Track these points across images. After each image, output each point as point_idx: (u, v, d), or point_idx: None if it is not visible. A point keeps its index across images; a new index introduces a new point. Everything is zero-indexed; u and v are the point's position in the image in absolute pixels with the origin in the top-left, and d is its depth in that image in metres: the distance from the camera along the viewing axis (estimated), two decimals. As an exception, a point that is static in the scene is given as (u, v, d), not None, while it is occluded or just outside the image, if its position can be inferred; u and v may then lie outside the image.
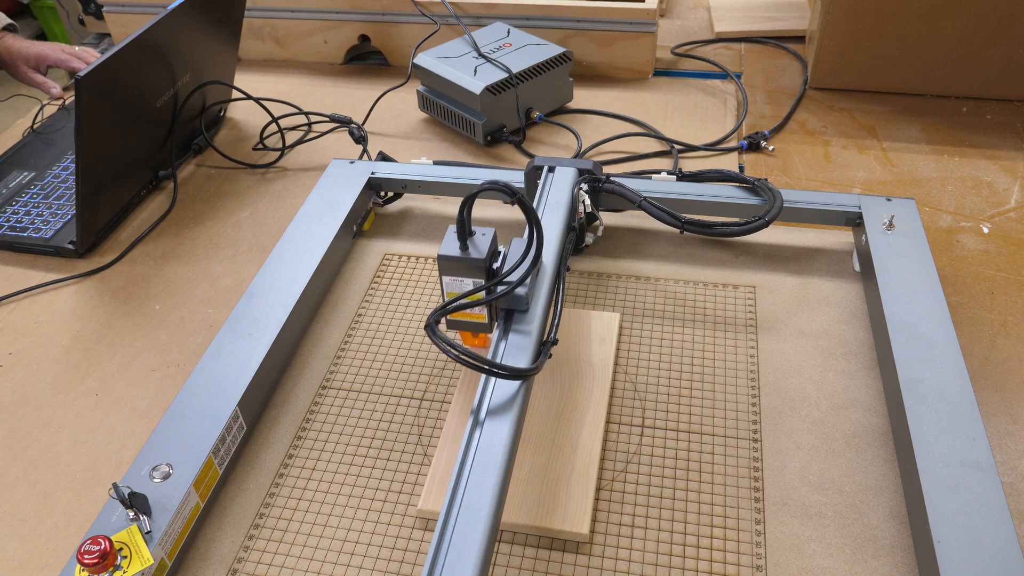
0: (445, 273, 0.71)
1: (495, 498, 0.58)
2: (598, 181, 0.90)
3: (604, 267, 0.93)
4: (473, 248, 0.69)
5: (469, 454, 0.61)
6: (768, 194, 0.89)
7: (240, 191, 1.09)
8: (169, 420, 0.70)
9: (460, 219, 0.68)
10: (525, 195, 0.65)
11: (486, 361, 0.63)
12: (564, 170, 0.90)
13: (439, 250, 0.69)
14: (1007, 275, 0.89)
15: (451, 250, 0.69)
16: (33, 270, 0.97)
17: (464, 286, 0.71)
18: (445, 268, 0.70)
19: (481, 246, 0.69)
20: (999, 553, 0.58)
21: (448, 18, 1.30)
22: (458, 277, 0.70)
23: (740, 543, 0.65)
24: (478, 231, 0.70)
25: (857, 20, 1.17)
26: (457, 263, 0.70)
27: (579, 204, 0.88)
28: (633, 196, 0.88)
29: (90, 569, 0.57)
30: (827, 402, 0.76)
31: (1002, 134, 1.13)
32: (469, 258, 0.69)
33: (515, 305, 0.71)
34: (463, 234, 0.69)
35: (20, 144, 1.20)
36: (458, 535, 0.56)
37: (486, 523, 0.56)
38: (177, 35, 1.01)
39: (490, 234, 0.71)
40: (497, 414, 0.64)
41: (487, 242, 0.70)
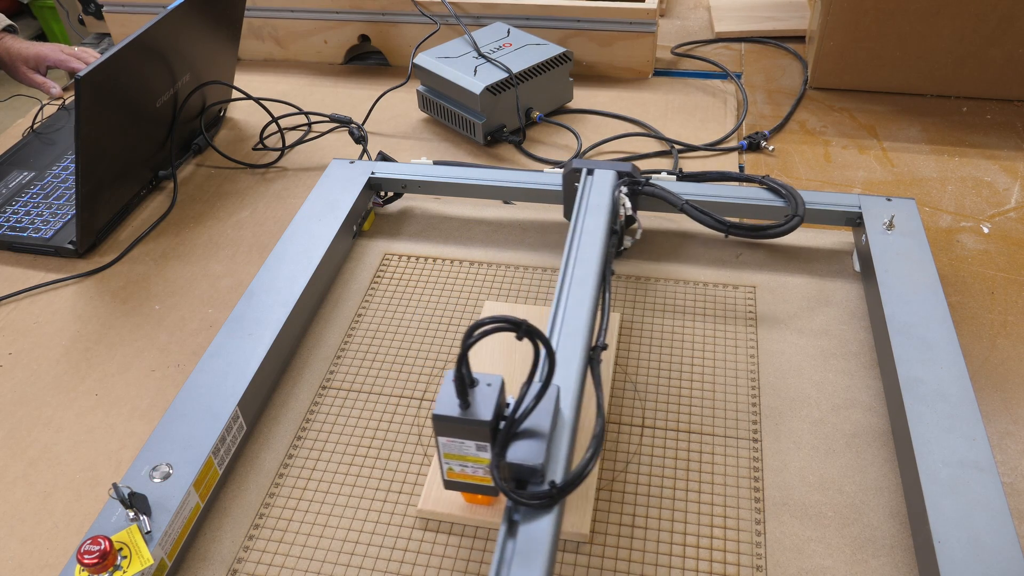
0: (442, 434, 0.58)
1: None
2: (638, 184, 0.89)
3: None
4: (475, 404, 0.56)
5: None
6: (784, 192, 0.89)
7: (240, 191, 1.09)
8: (169, 420, 0.70)
9: (459, 374, 0.55)
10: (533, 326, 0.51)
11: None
12: (603, 173, 0.89)
13: (434, 408, 0.56)
14: (1007, 275, 0.89)
15: (449, 409, 0.56)
16: (33, 270, 0.97)
17: (465, 448, 0.58)
18: (442, 429, 0.57)
19: (485, 402, 0.56)
20: (999, 553, 0.58)
21: (448, 18, 1.30)
22: (457, 439, 0.58)
23: (740, 543, 0.65)
24: (481, 380, 0.57)
25: (857, 20, 1.17)
26: (457, 425, 0.56)
27: (620, 207, 0.86)
28: (675, 199, 0.87)
29: (90, 569, 0.57)
30: (827, 402, 0.76)
31: (1002, 134, 1.13)
32: (471, 420, 0.56)
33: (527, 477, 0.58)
34: (463, 389, 0.55)
35: (20, 144, 1.20)
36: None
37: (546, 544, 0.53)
38: (177, 35, 1.01)
39: (497, 384, 0.58)
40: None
41: (493, 395, 0.57)
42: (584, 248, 0.80)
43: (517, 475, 0.57)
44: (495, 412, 0.56)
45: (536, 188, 0.96)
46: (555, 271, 0.92)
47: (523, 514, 0.56)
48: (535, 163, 1.11)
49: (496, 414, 0.56)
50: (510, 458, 0.56)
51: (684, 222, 0.97)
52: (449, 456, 0.60)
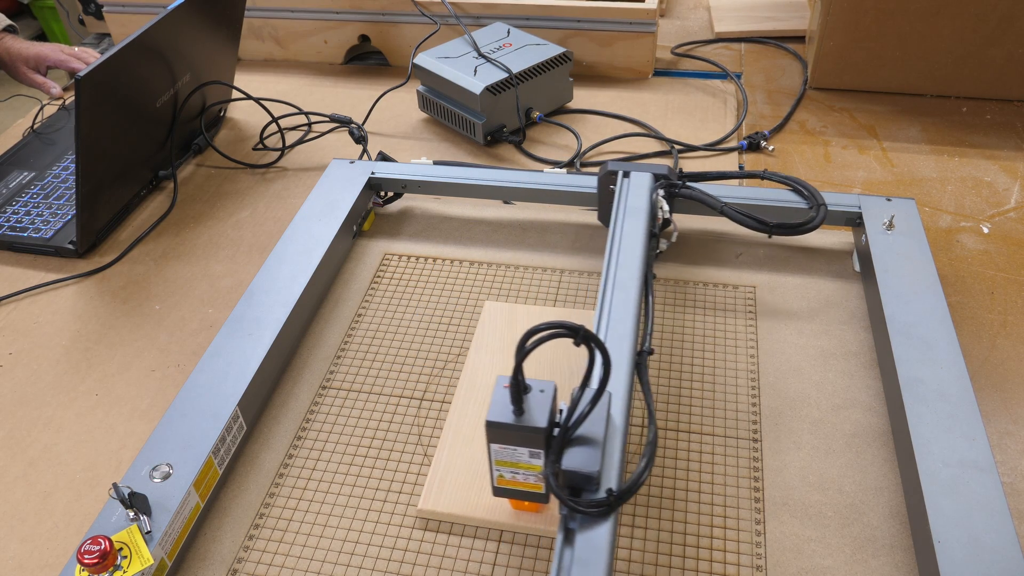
0: (495, 441, 0.57)
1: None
2: (674, 186, 0.89)
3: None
4: (529, 411, 0.56)
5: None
6: (801, 189, 0.89)
7: (240, 191, 1.09)
8: (169, 420, 0.70)
9: (515, 380, 0.55)
10: (590, 332, 0.51)
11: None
12: (639, 175, 0.89)
13: (487, 415, 0.56)
14: (1007, 275, 0.89)
15: (503, 416, 0.56)
16: (33, 270, 0.97)
17: (518, 455, 0.58)
18: (495, 436, 0.57)
19: (539, 409, 0.56)
20: (999, 553, 0.58)
21: (448, 18, 1.30)
22: (511, 446, 0.57)
23: (740, 543, 0.65)
24: (535, 386, 0.57)
25: (857, 20, 1.17)
26: (511, 432, 0.56)
27: (658, 210, 0.86)
28: (714, 202, 0.86)
29: (90, 569, 0.57)
30: (827, 402, 0.76)
31: (1002, 134, 1.13)
32: (525, 427, 0.56)
33: (583, 484, 0.57)
34: (518, 395, 0.55)
35: (20, 144, 1.20)
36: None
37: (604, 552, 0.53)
38: (177, 35, 1.01)
39: (550, 391, 0.57)
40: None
41: (547, 402, 0.56)
42: (625, 252, 0.80)
43: (572, 482, 0.57)
44: (550, 418, 0.56)
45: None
46: (555, 271, 0.92)
47: (580, 522, 0.56)
48: (535, 163, 1.11)
49: (551, 419, 0.56)
50: (566, 465, 0.55)
51: (686, 222, 0.97)
52: (501, 463, 0.59)
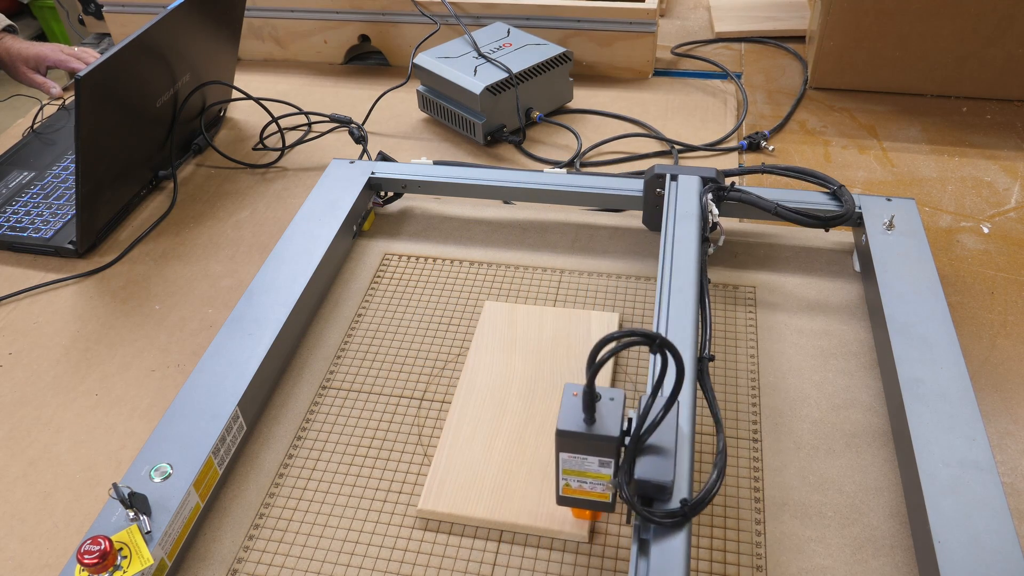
0: (564, 450, 0.57)
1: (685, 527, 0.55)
2: (723, 189, 0.88)
3: (603, 267, 0.93)
4: (600, 420, 0.55)
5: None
6: (827, 182, 0.90)
7: (240, 191, 1.09)
8: (169, 420, 0.70)
9: (589, 388, 0.53)
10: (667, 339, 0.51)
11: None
12: (688, 179, 0.89)
13: (558, 423, 0.55)
14: (1007, 275, 0.89)
15: (574, 424, 0.55)
16: (33, 270, 0.97)
17: (587, 464, 0.57)
18: (565, 445, 0.56)
19: (610, 418, 0.55)
20: (999, 553, 0.58)
21: (448, 18, 1.30)
22: (580, 455, 0.56)
23: (740, 543, 0.65)
24: (604, 394, 0.56)
25: (857, 20, 1.17)
26: (582, 441, 0.55)
27: (708, 214, 0.85)
28: (766, 204, 0.86)
29: (90, 569, 0.57)
30: (827, 402, 0.76)
31: (1002, 134, 1.13)
32: (597, 436, 0.55)
33: (656, 495, 0.57)
34: (591, 404, 0.54)
35: (20, 144, 1.20)
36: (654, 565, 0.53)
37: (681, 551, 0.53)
38: (177, 35, 1.01)
39: (620, 399, 0.56)
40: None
41: (617, 410, 0.55)
42: (679, 257, 0.80)
43: (644, 492, 0.56)
44: (620, 426, 0.55)
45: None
46: (555, 271, 0.92)
47: (654, 533, 0.56)
48: (535, 163, 1.11)
49: (621, 427, 0.55)
50: (639, 474, 0.55)
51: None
52: (568, 472, 0.58)
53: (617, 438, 0.55)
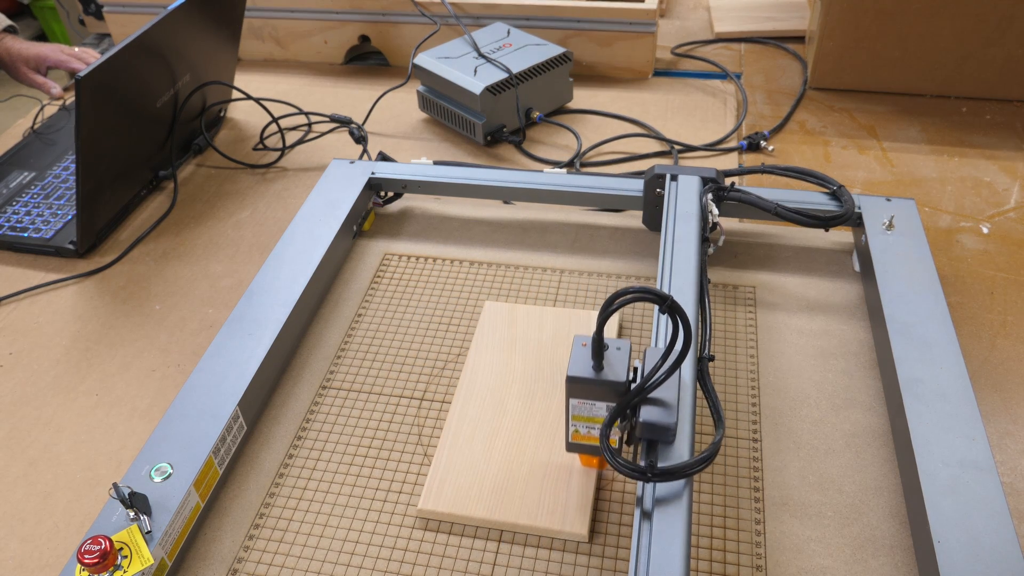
0: (574, 396, 0.61)
1: (684, 525, 0.57)
2: (723, 189, 0.88)
3: (603, 267, 0.93)
4: (608, 367, 0.59)
5: (641, 559, 0.56)
6: (826, 183, 0.90)
7: (240, 191, 1.09)
8: (169, 420, 0.70)
9: (598, 335, 0.58)
10: (676, 302, 0.54)
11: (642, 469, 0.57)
12: (688, 179, 0.89)
13: (568, 370, 0.59)
14: (1007, 275, 0.89)
15: (583, 371, 0.59)
16: (33, 270, 0.97)
17: (595, 410, 0.61)
18: (575, 391, 0.60)
19: (617, 365, 0.59)
20: (999, 553, 0.58)
21: (448, 18, 1.30)
22: (589, 400, 0.61)
23: (740, 543, 0.65)
24: (611, 344, 0.60)
25: (857, 20, 1.17)
26: (590, 386, 0.60)
27: (708, 214, 0.85)
28: (766, 204, 0.86)
29: (90, 569, 0.57)
30: (827, 402, 0.76)
31: (1002, 134, 1.13)
32: (604, 381, 0.59)
33: (660, 436, 0.61)
34: (599, 351, 0.59)
35: (20, 144, 1.20)
36: (654, 564, 0.54)
37: (680, 549, 0.55)
38: (177, 35, 1.01)
39: (626, 348, 0.60)
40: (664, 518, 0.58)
41: (624, 358, 0.60)
42: (679, 257, 0.80)
43: (647, 435, 0.60)
44: (627, 373, 0.59)
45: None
46: (555, 271, 0.92)
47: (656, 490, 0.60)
48: (535, 163, 1.11)
49: (627, 374, 0.59)
50: (644, 417, 0.58)
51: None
52: (577, 419, 0.62)
53: (624, 383, 0.59)
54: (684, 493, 0.59)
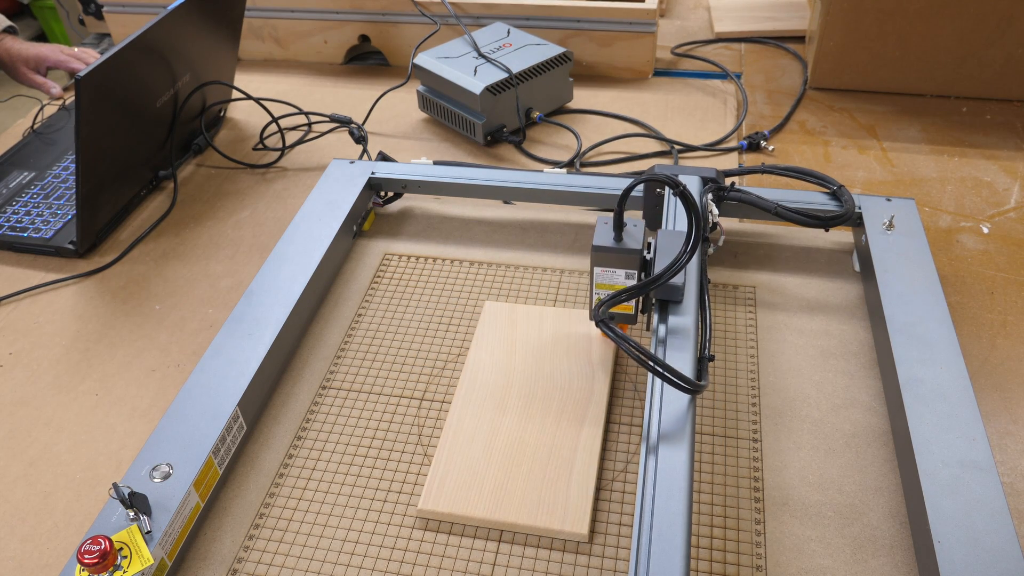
0: (598, 264, 0.72)
1: (684, 526, 0.57)
2: (723, 189, 0.89)
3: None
4: (628, 239, 0.70)
5: (648, 483, 0.60)
6: (827, 182, 0.90)
7: (240, 191, 1.09)
8: (169, 420, 0.70)
9: (619, 211, 0.68)
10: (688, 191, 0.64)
11: (664, 365, 0.61)
12: (688, 179, 0.89)
13: (593, 240, 0.70)
14: (1007, 275, 0.89)
15: (605, 241, 0.70)
16: (33, 270, 0.97)
17: (616, 278, 0.72)
18: (599, 259, 0.71)
19: (635, 237, 0.70)
20: (999, 553, 0.58)
21: (448, 18, 1.30)
22: (611, 268, 0.71)
23: (740, 543, 0.65)
24: (629, 222, 0.71)
25: (857, 20, 1.17)
26: (612, 254, 0.70)
27: (708, 213, 0.86)
28: (767, 204, 0.86)
29: (90, 569, 0.57)
30: (827, 402, 0.76)
31: (1002, 134, 1.13)
32: (625, 249, 0.70)
33: (671, 295, 0.72)
34: (619, 224, 0.70)
35: (20, 144, 1.20)
36: (655, 566, 0.55)
37: (681, 551, 0.56)
38: (177, 35, 1.01)
39: (641, 226, 0.72)
40: (670, 437, 0.62)
41: (639, 233, 0.71)
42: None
43: (661, 295, 0.72)
44: (643, 244, 0.70)
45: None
46: (555, 271, 0.92)
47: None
48: (535, 163, 1.11)
49: (643, 246, 0.70)
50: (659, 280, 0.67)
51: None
52: (600, 286, 0.73)
53: (640, 250, 0.70)
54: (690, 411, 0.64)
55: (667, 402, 0.65)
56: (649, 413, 0.64)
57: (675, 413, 0.64)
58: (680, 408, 0.64)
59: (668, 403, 0.65)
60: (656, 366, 0.61)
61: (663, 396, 0.65)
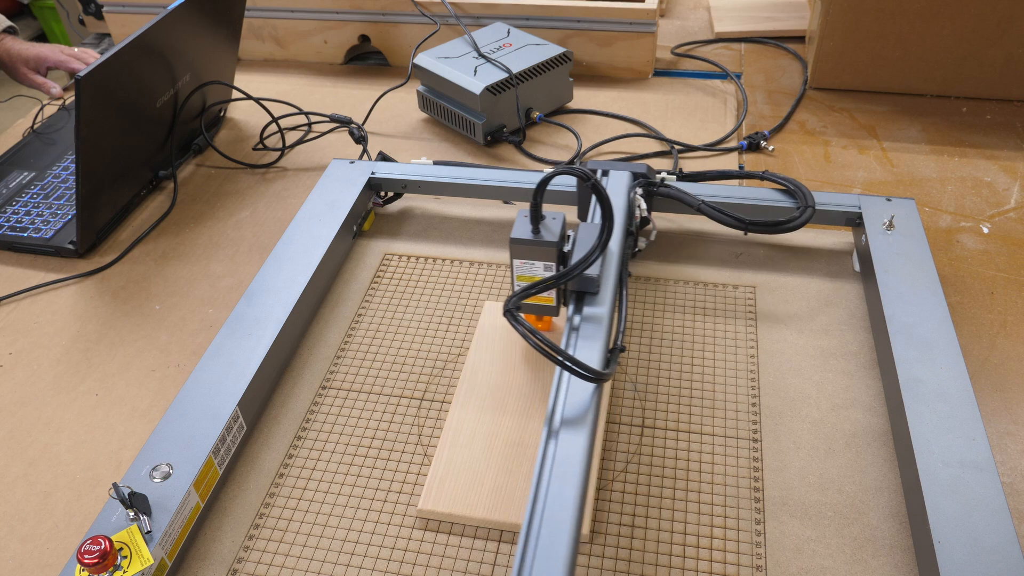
0: (517, 256, 0.72)
1: (576, 510, 0.57)
2: (653, 185, 0.89)
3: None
4: (545, 231, 0.71)
5: (546, 466, 0.59)
6: (791, 186, 0.89)
7: (240, 191, 1.09)
8: (169, 420, 0.70)
9: (534, 203, 0.69)
10: (599, 179, 0.67)
11: (567, 356, 0.62)
12: (618, 174, 0.90)
13: (511, 233, 0.71)
14: (1007, 275, 0.89)
15: (523, 233, 0.71)
16: (33, 270, 0.97)
17: (535, 270, 0.73)
18: (517, 252, 0.72)
19: (553, 230, 0.71)
20: (999, 553, 0.58)
21: (448, 18, 1.30)
22: (529, 260, 0.72)
23: (740, 543, 0.65)
24: (548, 215, 0.72)
25: (857, 20, 1.17)
26: (529, 247, 0.71)
27: (635, 208, 0.87)
28: (691, 200, 0.87)
29: (90, 569, 0.57)
30: (827, 402, 0.76)
31: (1002, 134, 1.13)
32: (542, 241, 0.71)
33: (586, 287, 0.72)
34: (536, 217, 0.70)
35: (20, 144, 1.20)
36: (542, 550, 0.54)
37: (569, 535, 0.55)
38: (177, 35, 1.01)
39: (560, 219, 0.72)
40: (572, 423, 0.62)
41: (558, 226, 0.72)
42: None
43: (578, 287, 0.72)
44: (560, 236, 0.71)
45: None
46: (555, 271, 0.92)
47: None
48: (535, 163, 1.11)
49: (561, 238, 0.71)
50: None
51: (684, 222, 0.97)
52: (521, 278, 0.74)
53: (557, 243, 0.70)
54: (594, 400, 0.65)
55: (572, 391, 0.65)
56: (554, 400, 0.64)
57: (579, 401, 0.64)
58: (584, 397, 0.64)
59: (573, 392, 0.65)
60: (559, 357, 0.62)
61: (569, 385, 0.65)
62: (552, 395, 0.65)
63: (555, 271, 0.72)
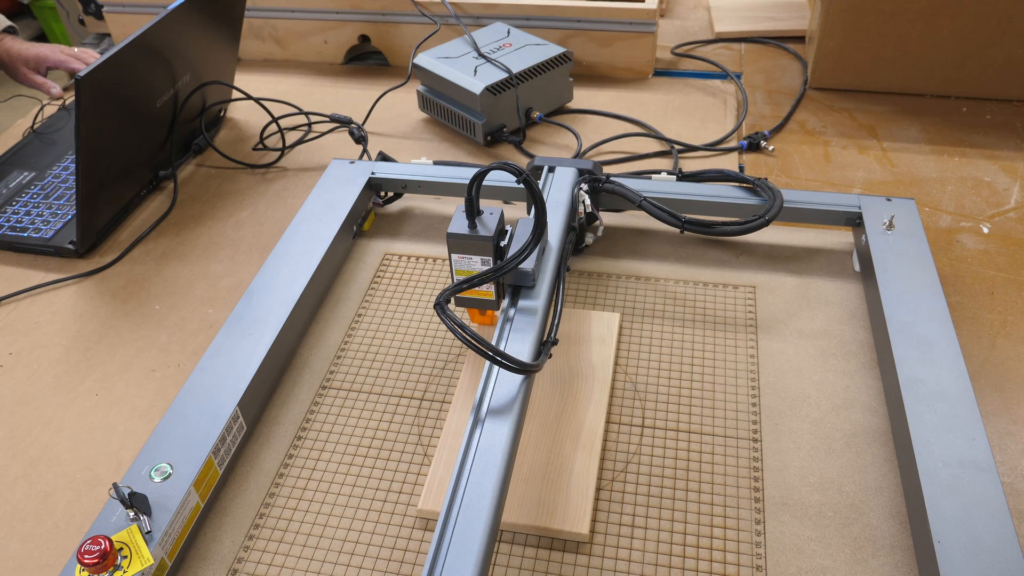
0: (454, 251, 0.73)
1: (495, 498, 0.58)
2: (598, 181, 0.90)
3: (604, 267, 0.93)
4: (481, 226, 0.71)
5: (469, 453, 0.61)
6: (768, 193, 0.89)
7: (240, 191, 1.09)
8: (169, 420, 0.70)
9: (468, 198, 0.70)
10: (531, 175, 0.66)
11: (493, 349, 0.62)
12: (564, 170, 0.90)
13: (448, 228, 0.71)
14: (1007, 275, 0.89)
15: (460, 228, 0.71)
16: (33, 270, 0.97)
17: (472, 264, 0.73)
18: (454, 246, 0.72)
19: (489, 224, 0.71)
20: (999, 553, 0.58)
21: (448, 18, 1.30)
22: (467, 255, 0.72)
23: (740, 543, 0.65)
24: (486, 210, 0.72)
25: (857, 20, 1.17)
26: (466, 241, 0.71)
27: (579, 204, 0.88)
28: (633, 196, 0.88)
29: (90, 569, 0.57)
30: (827, 402, 0.76)
31: (1002, 134, 1.13)
32: (477, 236, 0.71)
33: (521, 281, 0.73)
34: (472, 212, 0.71)
35: (20, 144, 1.20)
36: (458, 535, 0.56)
37: (486, 523, 0.56)
38: (177, 35, 1.01)
39: (497, 213, 0.72)
40: (498, 412, 0.64)
41: (495, 221, 0.72)
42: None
43: (514, 281, 0.74)
44: (496, 231, 0.71)
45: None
46: (555, 271, 0.92)
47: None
48: (535, 163, 1.11)
49: (497, 232, 0.71)
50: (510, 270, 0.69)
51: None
52: (460, 272, 0.74)
53: (493, 237, 0.71)
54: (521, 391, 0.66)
55: (500, 383, 0.66)
56: (482, 390, 0.66)
57: (506, 392, 0.65)
58: (512, 388, 0.66)
59: (501, 383, 0.66)
60: (487, 351, 0.62)
61: (498, 377, 0.67)
62: (480, 386, 0.66)
63: (492, 265, 0.72)
